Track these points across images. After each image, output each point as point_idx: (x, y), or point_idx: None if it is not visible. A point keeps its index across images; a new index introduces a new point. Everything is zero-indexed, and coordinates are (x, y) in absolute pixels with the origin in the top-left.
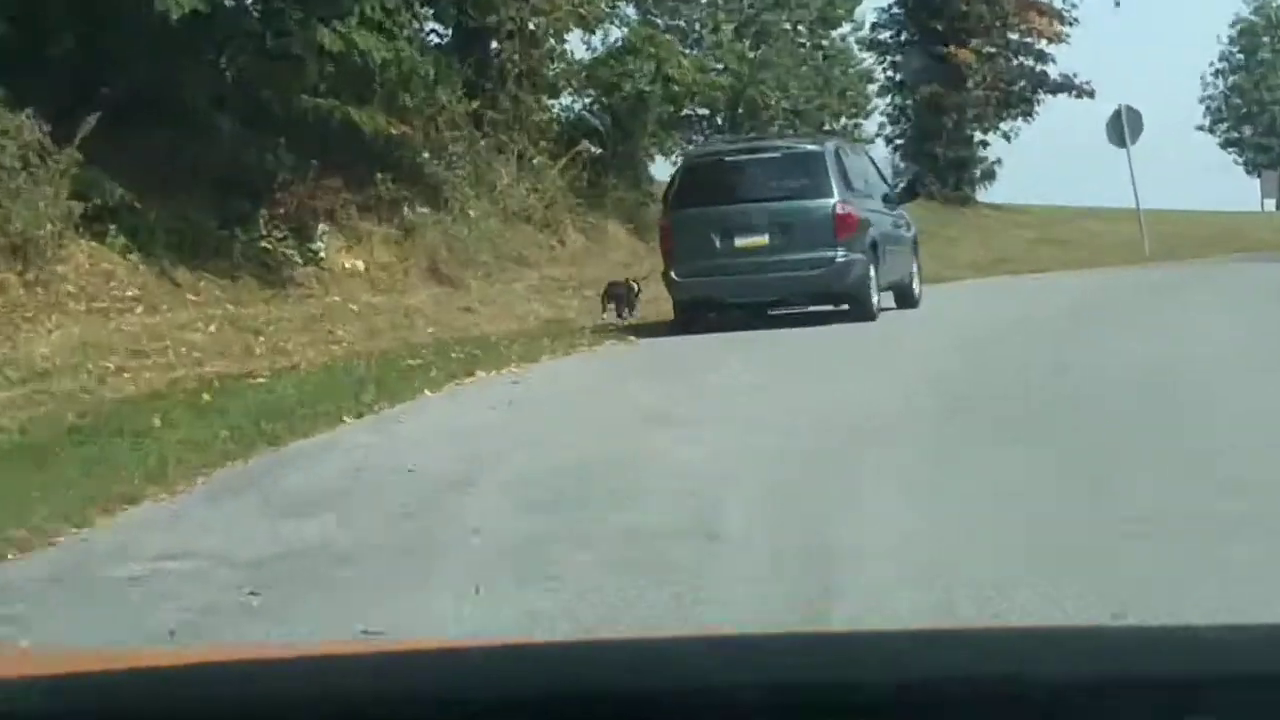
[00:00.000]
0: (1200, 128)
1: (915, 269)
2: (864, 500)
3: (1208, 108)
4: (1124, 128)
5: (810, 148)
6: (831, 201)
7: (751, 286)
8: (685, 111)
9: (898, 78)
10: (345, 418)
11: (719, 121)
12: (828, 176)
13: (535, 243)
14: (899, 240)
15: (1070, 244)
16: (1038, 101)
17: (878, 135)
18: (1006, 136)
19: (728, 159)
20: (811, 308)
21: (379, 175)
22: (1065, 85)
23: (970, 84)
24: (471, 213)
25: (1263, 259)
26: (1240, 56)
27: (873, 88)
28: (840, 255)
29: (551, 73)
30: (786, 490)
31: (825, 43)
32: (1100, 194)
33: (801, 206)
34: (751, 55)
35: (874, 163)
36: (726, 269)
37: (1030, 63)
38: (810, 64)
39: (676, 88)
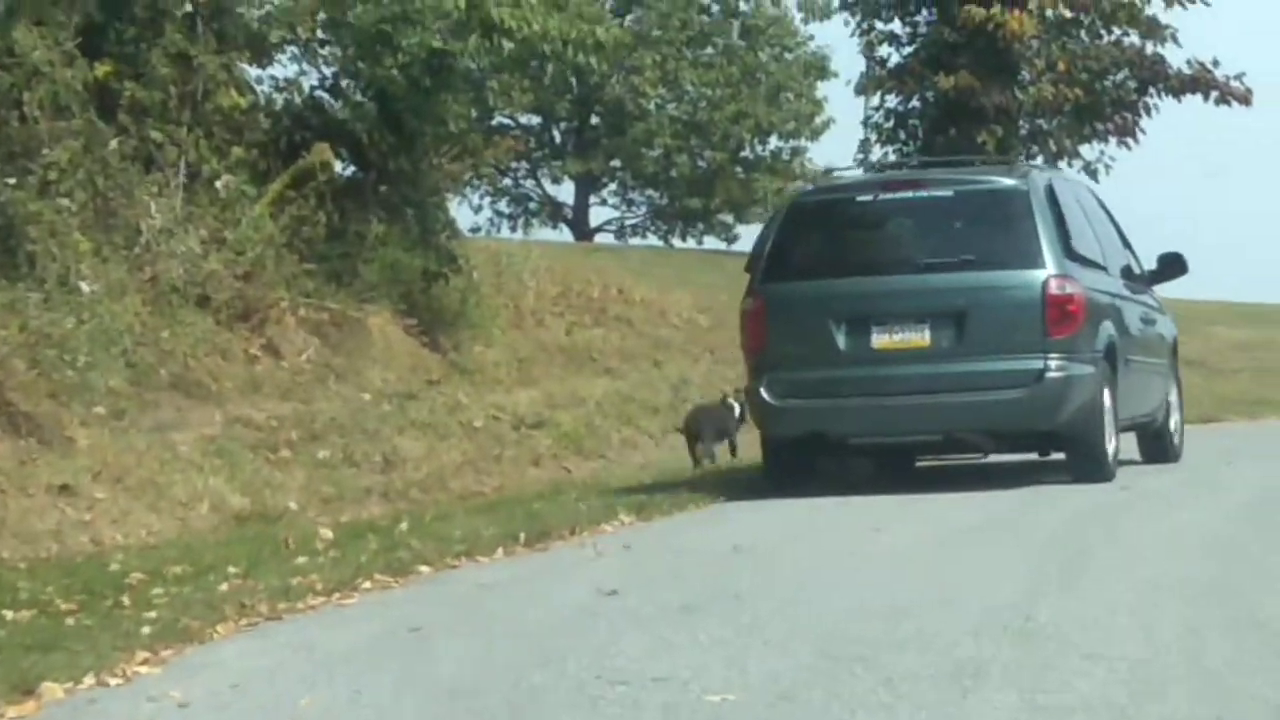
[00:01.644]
0: None
1: (1176, 394)
2: None
3: None
4: None
5: (1006, 182)
6: (1041, 275)
7: (898, 417)
8: (501, 117)
9: (888, 57)
10: None
11: (555, 137)
12: (1035, 232)
13: (219, 349)
14: (1151, 344)
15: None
16: (1149, 108)
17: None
18: (1091, 170)
19: (861, 199)
20: (995, 457)
21: None
22: (1199, 82)
23: (1027, 73)
24: (85, 286)
25: None
26: None
27: (826, 87)
28: (1054, 366)
29: (257, 13)
30: None
31: (745, 5)
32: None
33: (988, 282)
34: (616, 24)
35: (1107, 211)
36: (855, 386)
37: (1137, 41)
38: (719, 41)
39: (508, 44)
